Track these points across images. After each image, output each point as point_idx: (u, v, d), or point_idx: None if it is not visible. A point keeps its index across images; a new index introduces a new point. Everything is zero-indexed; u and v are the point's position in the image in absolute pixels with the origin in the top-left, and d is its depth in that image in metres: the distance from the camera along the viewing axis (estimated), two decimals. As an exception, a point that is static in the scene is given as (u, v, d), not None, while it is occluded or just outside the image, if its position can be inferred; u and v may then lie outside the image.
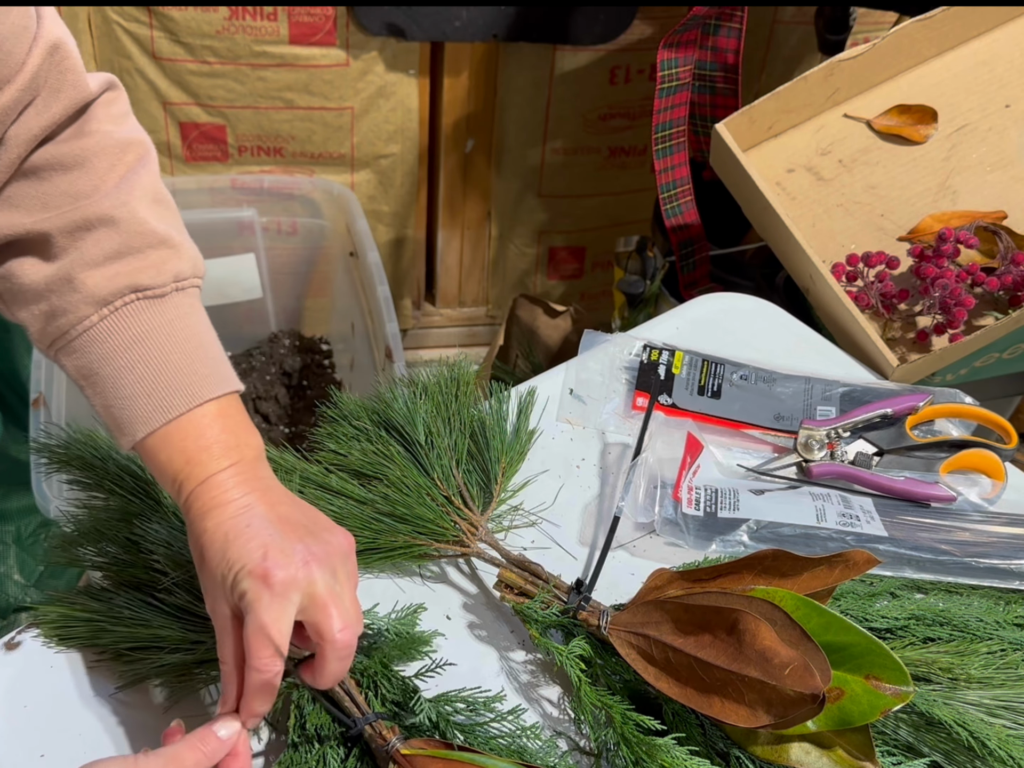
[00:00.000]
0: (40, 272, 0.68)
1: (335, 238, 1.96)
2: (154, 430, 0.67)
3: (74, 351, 0.69)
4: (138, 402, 0.67)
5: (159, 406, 0.67)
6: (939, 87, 1.25)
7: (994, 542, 0.88)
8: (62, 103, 0.68)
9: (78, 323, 0.68)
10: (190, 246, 0.72)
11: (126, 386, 0.67)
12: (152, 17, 1.74)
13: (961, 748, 0.73)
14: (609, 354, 1.05)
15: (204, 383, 0.68)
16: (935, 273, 1.10)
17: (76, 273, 0.67)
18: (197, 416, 0.68)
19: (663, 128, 1.39)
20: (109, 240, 0.68)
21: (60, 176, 0.68)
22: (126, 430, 0.68)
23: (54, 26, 0.67)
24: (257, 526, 0.65)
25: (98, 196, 0.68)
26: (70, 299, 0.67)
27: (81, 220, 0.68)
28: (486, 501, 0.89)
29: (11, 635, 0.80)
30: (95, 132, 0.70)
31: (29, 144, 0.67)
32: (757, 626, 0.68)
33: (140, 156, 0.72)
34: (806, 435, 0.96)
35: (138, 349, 0.68)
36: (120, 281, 0.68)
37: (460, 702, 0.74)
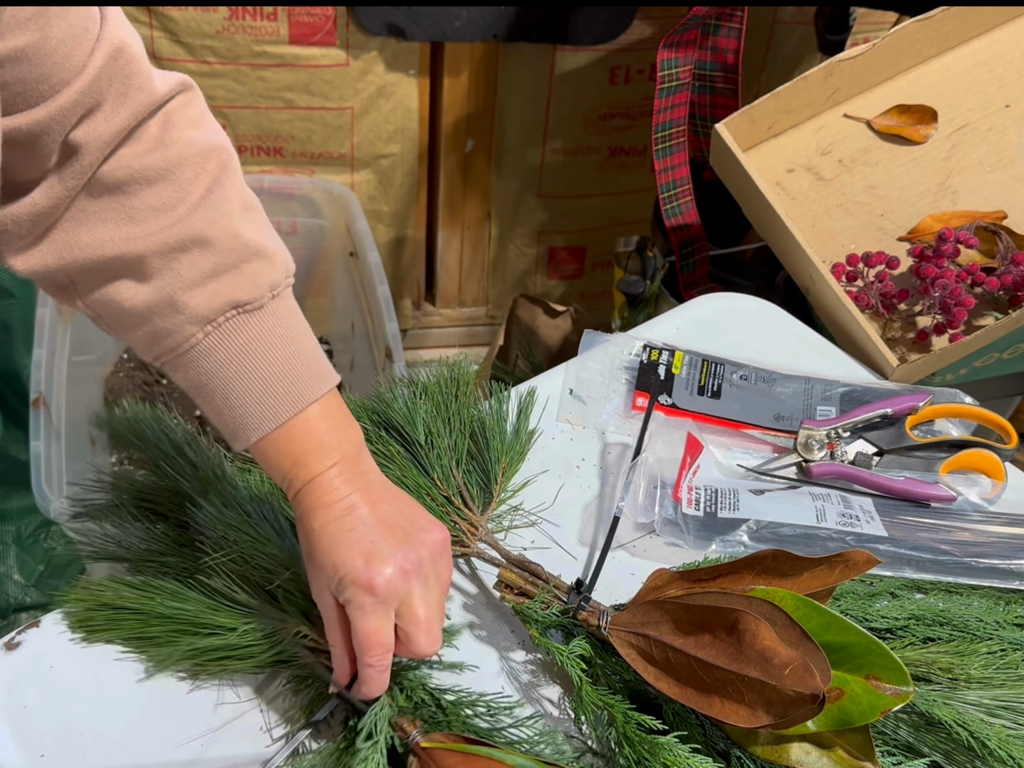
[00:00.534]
0: (139, 295, 0.70)
1: (335, 238, 1.96)
2: (266, 434, 0.71)
3: (181, 366, 0.72)
4: (249, 410, 0.71)
5: (268, 413, 0.71)
6: (939, 87, 1.25)
7: (994, 542, 0.88)
8: (130, 108, 0.68)
9: (184, 341, 0.70)
10: (281, 249, 0.74)
11: (235, 396, 0.71)
12: (152, 17, 1.74)
13: (961, 748, 0.73)
14: (609, 354, 1.05)
15: (307, 385, 0.72)
16: (935, 273, 1.10)
17: (178, 296, 0.69)
18: (303, 417, 0.72)
19: (663, 128, 1.39)
20: (205, 260, 0.70)
21: (145, 190, 0.69)
22: (239, 436, 0.72)
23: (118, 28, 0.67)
24: (360, 531, 0.70)
25: (184, 211, 0.69)
26: (174, 320, 0.70)
27: (175, 242, 0.69)
28: (486, 501, 0.89)
29: (11, 635, 0.80)
30: (176, 142, 0.70)
31: (102, 151, 0.67)
32: (757, 626, 0.68)
33: (223, 163, 0.72)
34: (806, 435, 0.96)
35: (242, 361, 0.71)
36: (220, 299, 0.70)
37: (481, 706, 0.74)
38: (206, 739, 0.75)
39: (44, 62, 0.62)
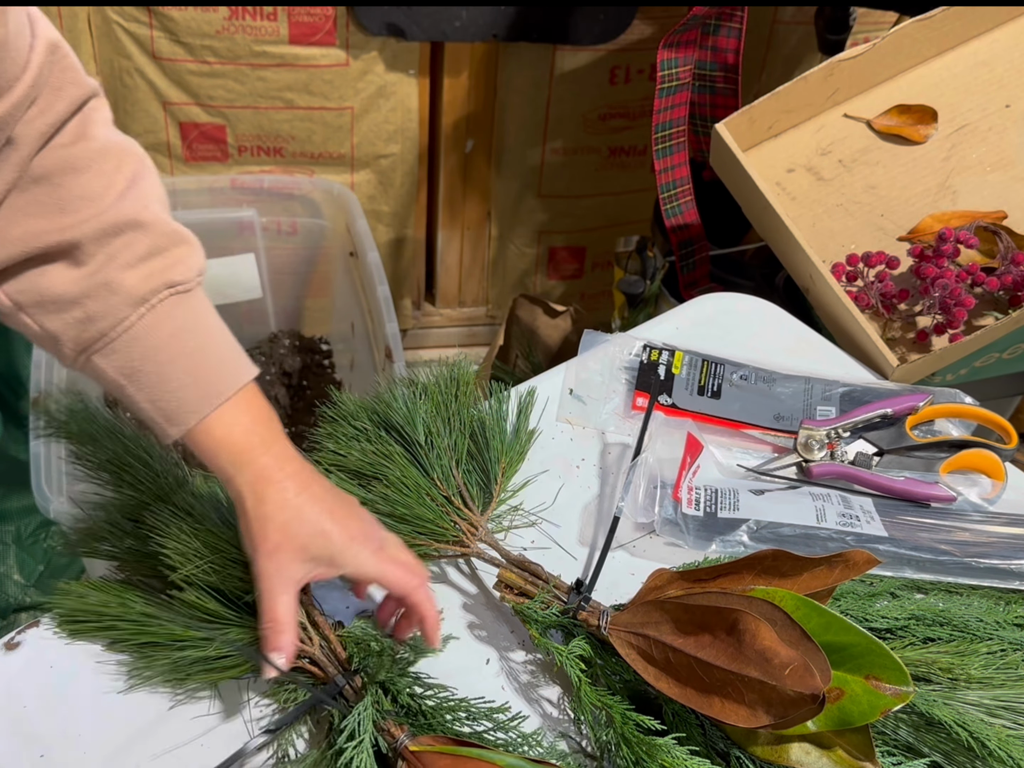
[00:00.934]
0: (72, 278, 0.70)
1: (335, 238, 1.96)
2: (205, 416, 0.71)
3: (113, 352, 0.71)
4: (187, 392, 0.71)
5: (208, 393, 0.71)
6: (939, 87, 1.25)
7: (994, 542, 0.88)
8: (65, 101, 0.69)
9: (117, 324, 0.70)
10: (198, 241, 0.76)
11: (172, 378, 0.71)
12: (152, 17, 1.74)
13: (961, 748, 0.73)
14: (609, 354, 1.05)
15: (239, 369, 0.74)
16: (935, 273, 1.10)
17: (113, 276, 0.69)
18: (239, 398, 0.73)
19: (663, 128, 1.39)
20: (140, 242, 0.70)
21: (71, 179, 0.69)
22: (176, 420, 0.72)
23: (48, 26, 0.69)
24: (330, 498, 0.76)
25: (112, 199, 0.70)
26: (109, 302, 0.69)
27: (108, 226, 0.69)
28: (486, 501, 0.89)
29: (11, 635, 0.80)
30: (97, 136, 0.72)
31: (37, 143, 0.68)
32: (757, 626, 0.68)
33: (140, 160, 0.74)
34: (806, 435, 0.96)
35: (178, 342, 0.71)
36: (156, 280, 0.70)
37: (462, 711, 0.74)
38: (205, 739, 0.75)
39: (4, 58, 0.63)
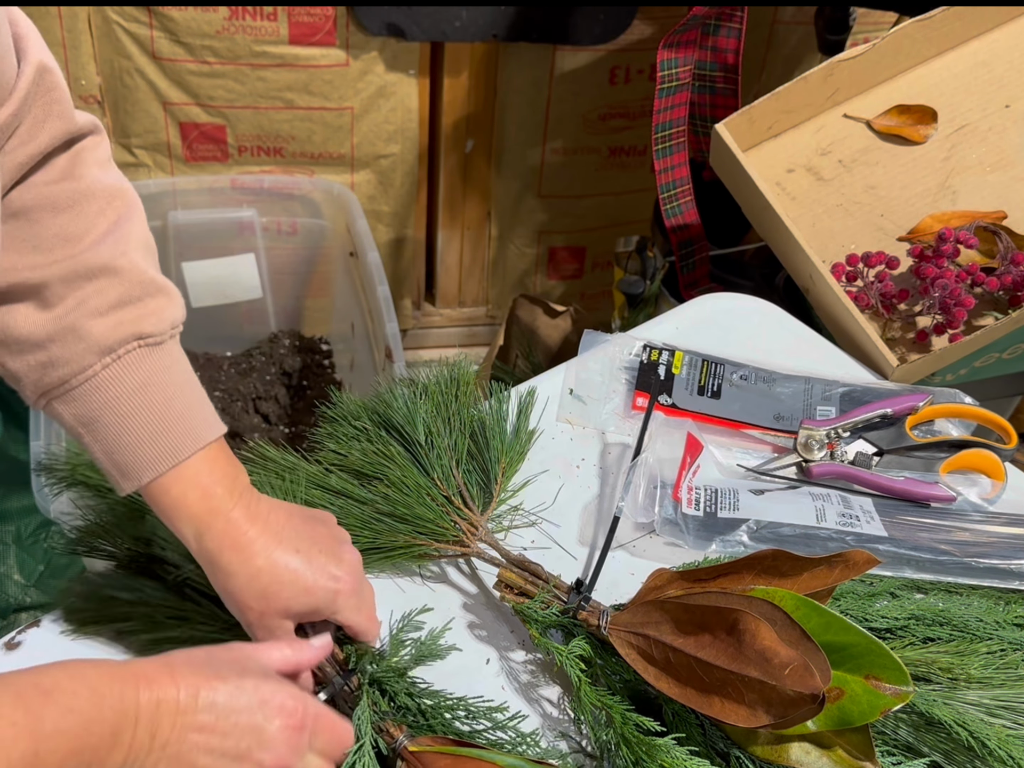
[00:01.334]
0: (38, 321, 0.67)
1: (335, 238, 1.96)
2: (160, 475, 0.69)
3: (73, 399, 0.69)
4: (143, 448, 0.68)
5: (166, 451, 0.69)
6: (939, 87, 1.25)
7: (994, 542, 0.88)
8: (49, 132, 0.67)
9: (80, 372, 0.68)
10: (178, 292, 0.73)
11: (130, 432, 0.68)
12: (152, 17, 1.74)
13: (961, 748, 0.73)
14: (609, 354, 1.05)
15: (204, 426, 0.71)
16: (935, 273, 1.10)
17: (80, 322, 0.67)
18: (199, 457, 0.70)
19: (663, 128, 1.39)
20: (112, 289, 0.68)
21: (50, 218, 0.68)
22: (131, 475, 0.69)
23: (39, 48, 0.66)
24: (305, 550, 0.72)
25: (90, 242, 0.68)
26: (74, 348, 0.67)
27: (82, 269, 0.67)
28: (486, 501, 0.89)
29: (11, 635, 0.80)
30: (84, 176, 0.69)
31: (16, 173, 0.66)
32: (757, 626, 0.68)
33: (128, 204, 0.72)
34: (806, 435, 0.96)
35: (141, 396, 0.69)
36: (125, 329, 0.68)
37: (461, 709, 0.74)
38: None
39: None
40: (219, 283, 1.91)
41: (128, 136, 1.88)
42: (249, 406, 1.94)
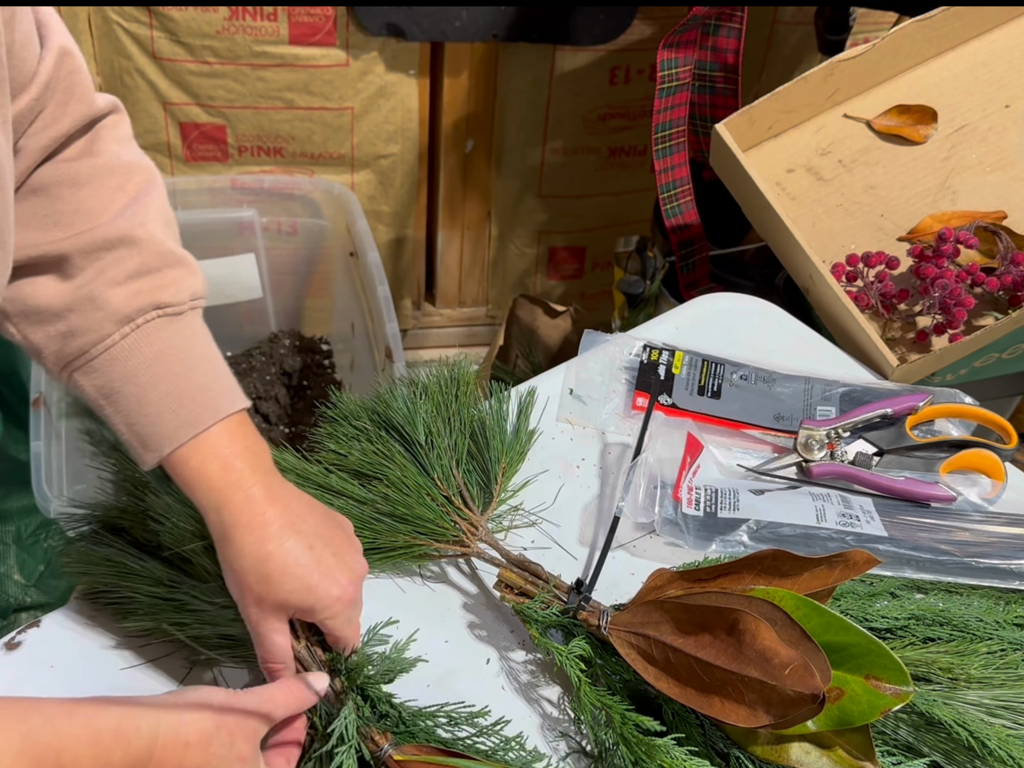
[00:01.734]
0: (58, 291, 0.68)
1: (335, 238, 1.96)
2: (181, 445, 0.69)
3: (93, 370, 0.69)
4: (164, 418, 0.68)
5: (186, 421, 0.69)
6: (939, 87, 1.25)
7: (994, 542, 0.88)
8: (71, 116, 0.68)
9: (99, 341, 0.68)
10: (199, 266, 0.73)
11: (151, 403, 0.68)
12: (152, 17, 1.74)
13: (961, 748, 0.73)
14: (609, 354, 1.05)
15: (225, 397, 0.71)
16: (935, 273, 1.10)
17: (99, 291, 0.68)
18: (220, 429, 0.70)
19: (663, 128, 1.39)
20: (130, 259, 0.68)
21: (70, 194, 0.68)
22: (152, 446, 0.69)
23: (62, 35, 0.67)
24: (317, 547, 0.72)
25: (109, 216, 0.69)
26: (92, 317, 0.68)
27: (101, 240, 0.68)
28: (486, 501, 0.89)
29: (11, 635, 0.80)
30: (103, 152, 0.70)
31: (39, 155, 0.67)
32: (757, 626, 0.68)
33: (148, 179, 0.72)
34: (806, 435, 0.96)
35: (161, 366, 0.69)
36: (143, 299, 0.68)
37: (442, 716, 0.73)
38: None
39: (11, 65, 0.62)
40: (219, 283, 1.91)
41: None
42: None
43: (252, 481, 0.70)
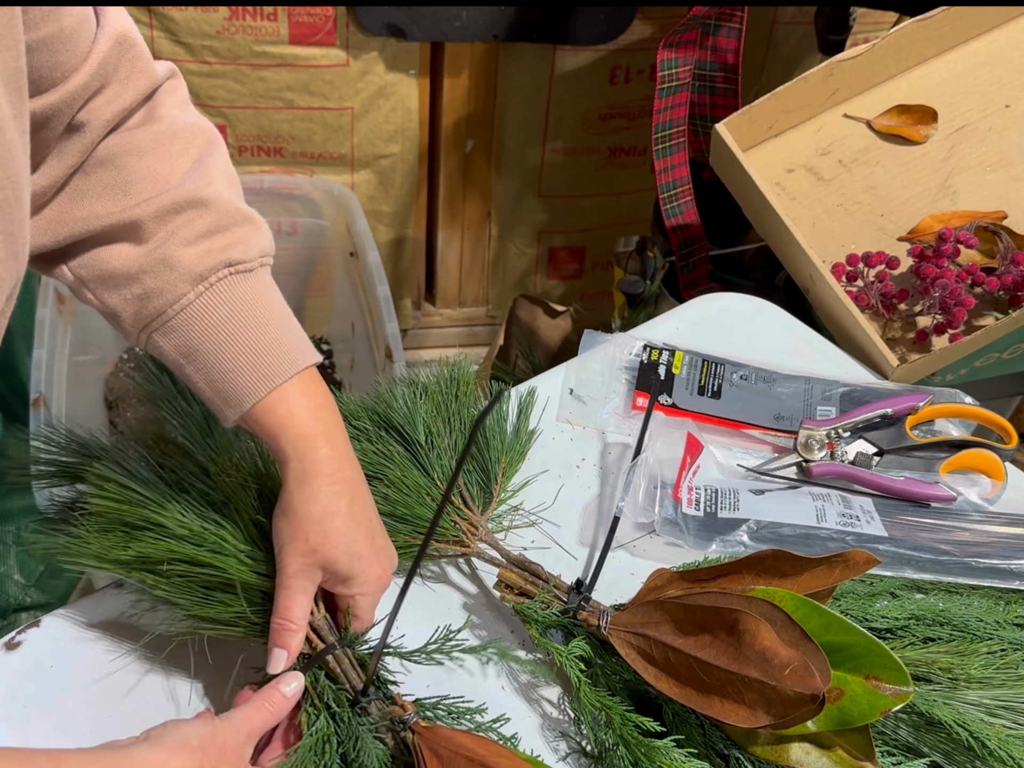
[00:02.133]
0: (132, 255, 0.69)
1: (335, 238, 1.96)
2: (261, 399, 0.70)
3: (172, 330, 0.70)
4: (242, 373, 0.70)
5: (265, 375, 0.70)
6: (939, 87, 1.25)
7: (994, 542, 0.88)
8: (132, 90, 0.69)
9: (175, 301, 0.69)
10: (264, 223, 0.74)
11: (229, 359, 0.70)
12: (152, 17, 1.74)
13: (961, 748, 0.73)
14: (609, 354, 1.04)
15: (299, 352, 0.72)
16: (935, 273, 1.10)
17: (171, 252, 0.69)
18: (296, 382, 0.71)
19: (663, 128, 1.39)
20: (200, 219, 0.70)
21: (136, 161, 0.69)
22: (232, 401, 0.71)
23: (119, 16, 0.68)
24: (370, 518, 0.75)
25: (177, 180, 0.70)
26: (166, 278, 0.69)
27: (170, 204, 0.69)
28: (486, 501, 0.89)
29: (11, 635, 0.80)
30: (164, 117, 0.71)
31: (103, 129, 0.68)
32: (757, 626, 0.68)
33: (210, 140, 0.73)
34: (806, 435, 0.96)
35: (236, 322, 0.70)
36: (215, 257, 0.70)
37: (442, 709, 0.74)
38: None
39: (59, 50, 0.63)
40: (219, 283, 1.90)
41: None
42: (249, 406, 1.93)
43: (339, 436, 0.73)
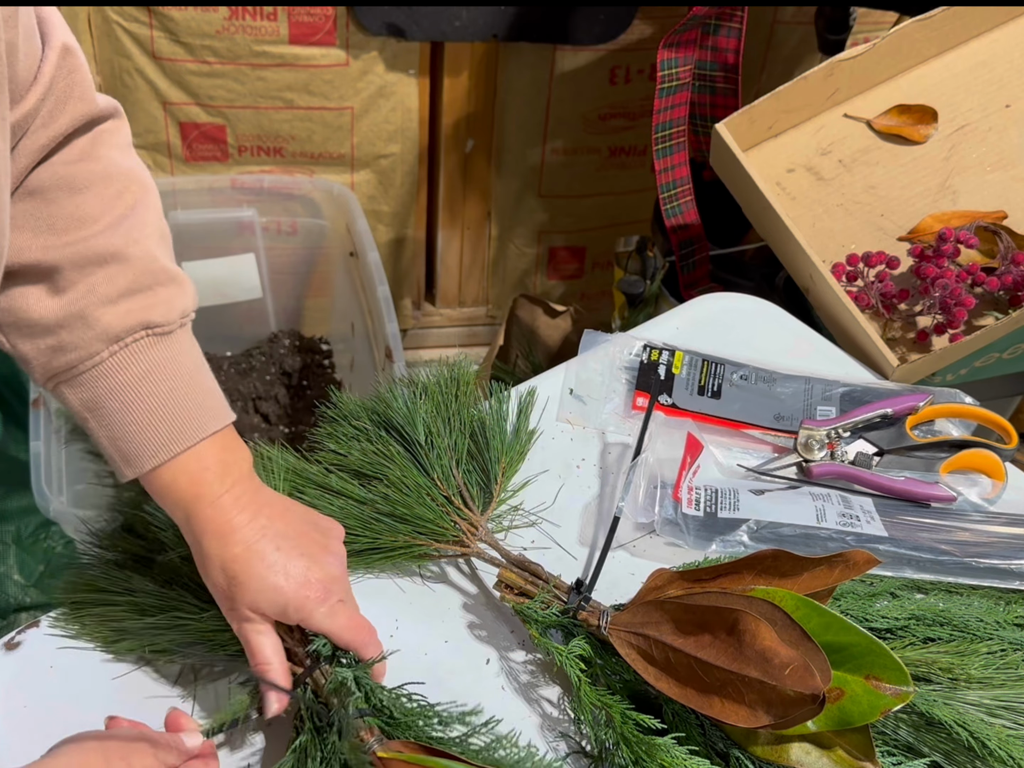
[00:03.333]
0: (49, 306, 0.68)
1: (335, 238, 1.96)
2: (163, 462, 0.69)
3: (80, 384, 0.69)
4: (146, 435, 0.69)
5: (168, 439, 0.69)
6: (939, 87, 1.25)
7: (994, 542, 0.88)
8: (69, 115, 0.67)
9: (88, 358, 0.68)
10: (191, 282, 0.73)
11: (134, 420, 0.69)
12: (152, 17, 1.74)
13: (961, 748, 0.73)
14: (609, 354, 1.04)
15: (208, 416, 0.71)
16: (935, 273, 1.10)
17: (90, 309, 0.68)
18: (200, 448, 0.70)
19: (663, 128, 1.39)
20: (122, 276, 0.68)
21: (67, 198, 0.68)
22: (133, 462, 0.70)
23: (62, 30, 0.67)
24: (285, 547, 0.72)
25: (104, 225, 0.68)
26: (83, 335, 0.68)
27: (92, 255, 0.68)
28: (486, 501, 0.89)
29: (11, 635, 0.80)
30: (103, 158, 0.70)
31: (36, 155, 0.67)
32: (757, 626, 0.68)
33: (146, 190, 0.72)
34: (806, 435, 0.96)
35: (146, 384, 0.69)
36: (134, 318, 0.69)
37: (434, 716, 0.72)
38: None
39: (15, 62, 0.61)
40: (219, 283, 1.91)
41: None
42: (249, 406, 1.94)
43: (221, 490, 0.71)
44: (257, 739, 0.76)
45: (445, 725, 0.72)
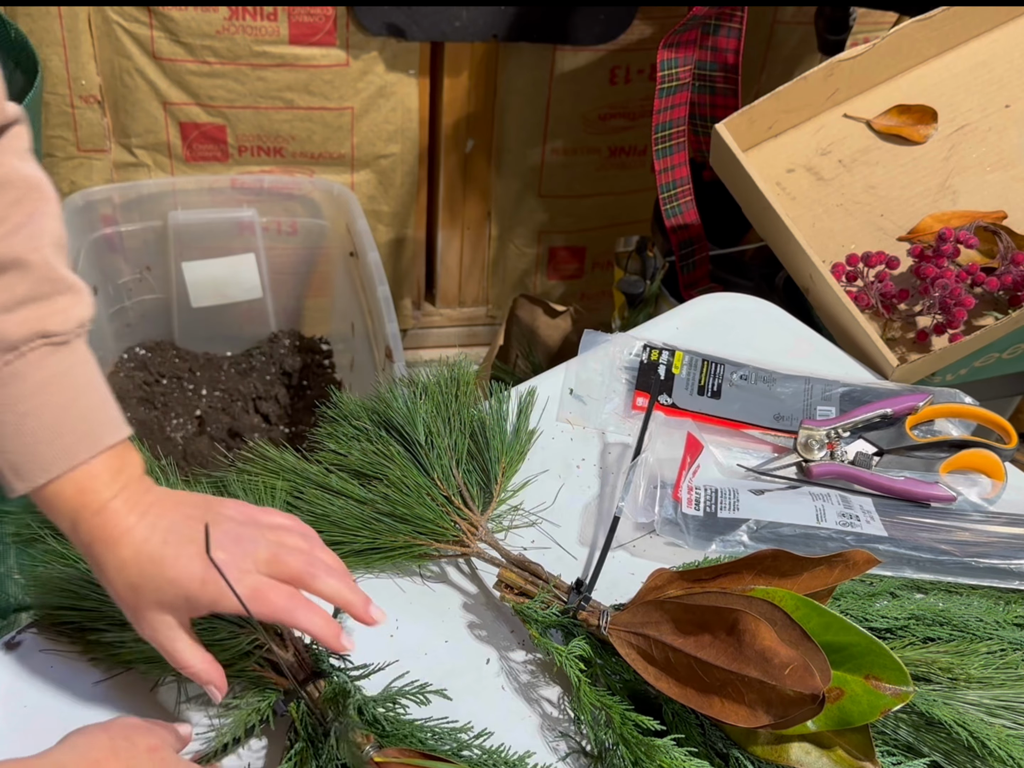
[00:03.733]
0: None
1: (335, 238, 1.96)
2: (57, 476, 0.67)
3: None
4: (40, 448, 0.67)
5: (63, 453, 0.67)
6: (939, 87, 1.25)
7: (994, 542, 0.88)
8: None
9: None
10: (88, 291, 0.71)
11: (27, 432, 0.66)
12: (152, 17, 1.74)
13: (961, 748, 0.73)
14: (609, 354, 1.05)
15: (105, 429, 0.69)
16: (935, 273, 1.10)
17: None
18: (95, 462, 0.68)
19: (663, 128, 1.39)
20: (20, 284, 0.67)
21: None
22: (24, 475, 0.67)
23: None
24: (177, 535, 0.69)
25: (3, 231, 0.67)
26: None
27: None
28: (486, 501, 0.89)
29: (11, 635, 0.80)
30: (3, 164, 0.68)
31: None
32: (757, 626, 0.68)
33: (45, 198, 0.70)
34: (806, 435, 0.96)
35: (42, 395, 0.67)
36: (30, 327, 0.67)
37: (428, 731, 0.72)
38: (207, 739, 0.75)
39: None
40: (219, 283, 1.91)
41: (128, 136, 1.88)
42: (249, 406, 1.94)
43: (109, 496, 0.68)
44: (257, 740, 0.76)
45: (437, 740, 0.72)
